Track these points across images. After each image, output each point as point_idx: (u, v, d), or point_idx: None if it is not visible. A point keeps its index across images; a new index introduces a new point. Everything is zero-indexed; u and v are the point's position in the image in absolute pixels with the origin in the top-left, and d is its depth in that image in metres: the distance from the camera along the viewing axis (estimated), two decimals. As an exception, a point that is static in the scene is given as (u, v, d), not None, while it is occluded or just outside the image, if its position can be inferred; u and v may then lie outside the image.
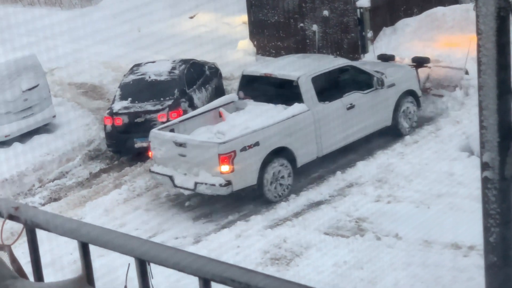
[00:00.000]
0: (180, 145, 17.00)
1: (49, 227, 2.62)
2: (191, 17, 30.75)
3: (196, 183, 16.77)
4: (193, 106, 20.92)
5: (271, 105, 18.41)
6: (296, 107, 17.93)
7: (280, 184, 17.39)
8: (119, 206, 18.17)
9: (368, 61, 21.94)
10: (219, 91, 23.27)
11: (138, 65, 22.66)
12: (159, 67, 22.02)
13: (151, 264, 2.42)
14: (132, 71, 22.22)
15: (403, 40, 23.68)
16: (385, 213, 16.19)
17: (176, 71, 21.68)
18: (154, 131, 17.74)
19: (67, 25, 30.47)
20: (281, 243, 15.41)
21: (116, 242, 2.44)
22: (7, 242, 3.02)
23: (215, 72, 23.48)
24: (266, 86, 18.86)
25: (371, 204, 16.61)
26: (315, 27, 24.86)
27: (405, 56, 22.05)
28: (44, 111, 22.22)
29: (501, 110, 5.74)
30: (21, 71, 21.60)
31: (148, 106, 20.55)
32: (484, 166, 5.38)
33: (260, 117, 17.86)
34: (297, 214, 16.71)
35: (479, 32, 5.51)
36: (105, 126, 20.69)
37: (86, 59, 27.43)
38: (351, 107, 18.62)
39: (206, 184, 16.65)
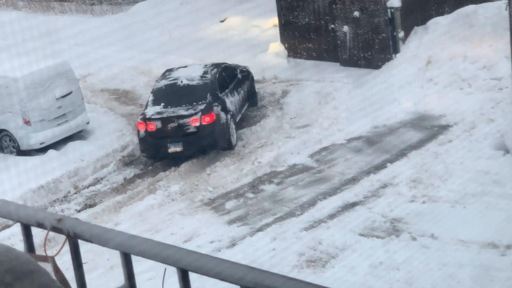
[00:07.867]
0: None
1: (92, 238, 2.66)
2: (222, 21, 30.81)
3: None
4: (225, 110, 20.97)
5: None
6: None
7: None
8: (154, 211, 18.25)
9: None
10: (251, 95, 23.32)
11: (170, 70, 22.74)
12: (191, 72, 22.08)
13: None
14: (164, 76, 22.31)
15: (435, 39, 23.57)
16: (420, 213, 16.13)
17: (208, 75, 21.72)
18: None
19: (98, 32, 30.65)
20: (316, 245, 15.41)
21: (158, 252, 2.47)
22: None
23: (247, 75, 23.51)
24: None
25: (406, 205, 16.55)
26: (346, 28, 24.81)
27: None
28: (78, 117, 22.40)
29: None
30: (54, 78, 21.78)
31: (181, 110, 20.59)
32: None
33: None
34: (331, 216, 16.69)
35: (512, 32, 5.49)
36: (138, 131, 20.77)
37: (118, 65, 27.56)
38: None
39: None
